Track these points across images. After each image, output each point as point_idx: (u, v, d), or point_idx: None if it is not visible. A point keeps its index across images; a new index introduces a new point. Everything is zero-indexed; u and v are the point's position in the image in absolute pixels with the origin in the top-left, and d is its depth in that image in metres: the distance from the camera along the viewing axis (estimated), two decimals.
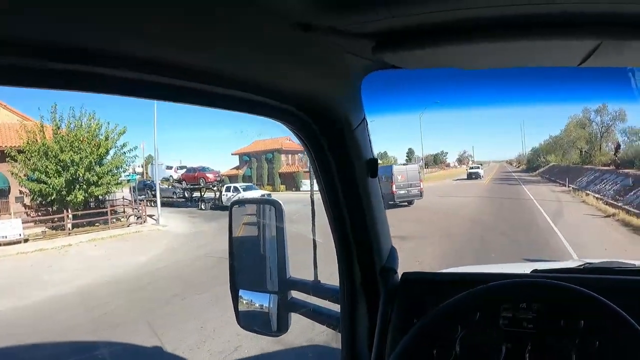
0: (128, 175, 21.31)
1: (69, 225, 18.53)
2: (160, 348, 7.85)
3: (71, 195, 17.97)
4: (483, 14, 1.04)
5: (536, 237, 12.58)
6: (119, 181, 20.07)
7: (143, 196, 27.20)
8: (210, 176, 26.79)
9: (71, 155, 17.51)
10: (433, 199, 22.76)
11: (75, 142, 17.72)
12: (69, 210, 18.46)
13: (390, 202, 19.72)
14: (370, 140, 1.62)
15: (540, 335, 1.39)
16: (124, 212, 22.08)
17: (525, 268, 1.90)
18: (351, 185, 1.57)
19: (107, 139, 18.81)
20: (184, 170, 28.21)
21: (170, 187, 27.93)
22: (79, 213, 19.04)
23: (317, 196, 1.69)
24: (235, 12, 0.93)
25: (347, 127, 1.48)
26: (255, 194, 22.78)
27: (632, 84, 1.71)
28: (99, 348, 7.77)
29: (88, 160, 17.83)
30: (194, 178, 26.94)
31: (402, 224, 14.89)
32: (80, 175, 17.78)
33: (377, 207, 1.68)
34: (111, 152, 19.22)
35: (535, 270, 1.78)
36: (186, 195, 27.18)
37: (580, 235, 12.63)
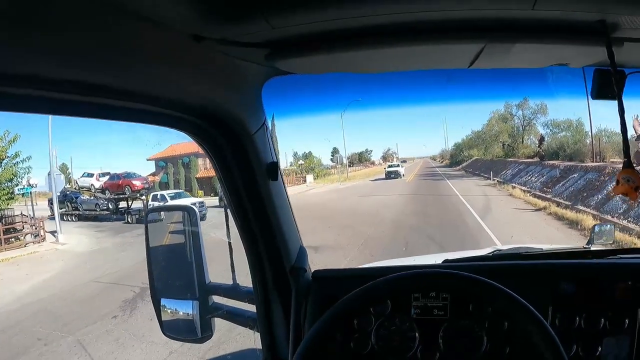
0: (22, 189, 19.76)
1: None
2: None
3: None
4: (367, 22, 1.14)
5: (465, 238, 12.26)
6: (11, 195, 18.79)
7: (63, 209, 24.84)
8: (137, 183, 24.57)
9: None
10: (353, 200, 22.54)
11: None
12: None
13: None
14: (271, 144, 1.70)
15: (451, 321, 1.57)
16: (22, 229, 20.29)
17: (438, 259, 2.08)
18: (253, 189, 1.65)
19: None
20: (107, 177, 25.68)
21: (92, 198, 25.60)
22: None
23: None
24: (130, 25, 0.99)
25: (246, 132, 1.56)
26: (186, 201, 20.01)
27: (549, 81, 1.94)
28: None
29: None
30: (118, 186, 24.60)
31: (316, 230, 13.59)
32: None
33: (282, 209, 1.77)
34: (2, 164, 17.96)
35: (446, 260, 1.95)
36: (110, 206, 24.69)
37: (513, 233, 12.35)
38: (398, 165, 33.95)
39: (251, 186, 1.65)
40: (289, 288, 1.77)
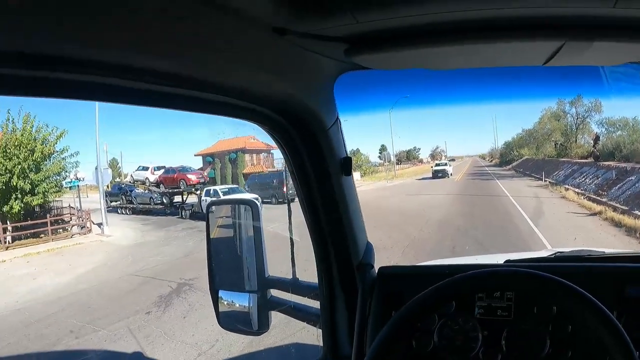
0: (69, 182, 20.59)
1: (9, 239, 17.99)
2: None
3: (6, 206, 17.47)
4: (449, 18, 1.16)
5: (516, 242, 11.75)
6: (59, 188, 19.59)
7: (117, 202, 25.79)
8: (193, 177, 24.43)
9: (2, 162, 17.15)
10: (400, 199, 22.42)
11: (8, 148, 17.31)
12: (8, 222, 17.93)
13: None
14: (343, 139, 1.73)
15: (515, 323, 1.56)
16: (69, 221, 21.24)
17: (499, 259, 2.05)
18: (326, 184, 1.68)
19: (43, 143, 18.34)
20: (162, 171, 25.68)
21: (146, 191, 25.72)
22: (19, 225, 18.53)
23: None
24: (212, 17, 1.01)
25: (321, 127, 1.58)
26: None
27: (603, 80, 1.84)
28: None
29: (20, 166, 17.47)
30: (173, 180, 24.49)
31: None
32: (14, 183, 17.33)
33: (352, 204, 1.79)
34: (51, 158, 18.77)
35: (508, 261, 1.94)
36: (164, 201, 24.69)
37: (567, 239, 11.95)
38: (446, 164, 33.42)
39: (324, 180, 1.67)
40: (354, 284, 1.78)
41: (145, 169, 26.47)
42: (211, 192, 23.04)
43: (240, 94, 1.30)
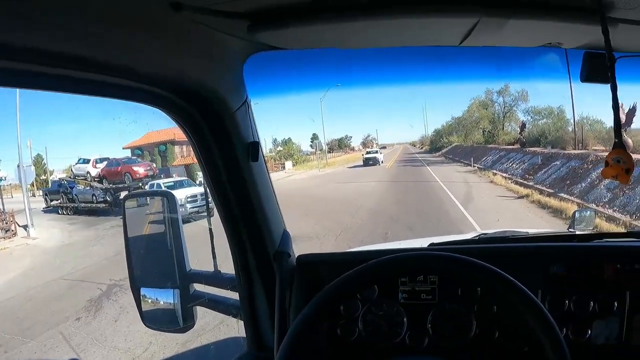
0: None
1: None
2: None
3: None
4: None
5: (447, 227, 11.76)
6: None
7: (57, 201, 23.57)
8: (140, 170, 21.21)
9: None
10: (332, 187, 22.32)
11: None
12: None
13: None
14: (253, 123, 1.67)
15: (439, 305, 1.58)
16: None
17: (424, 242, 2.08)
18: (234, 170, 1.63)
19: None
20: (104, 163, 22.41)
21: (88, 187, 22.35)
22: None
23: None
24: None
25: (227, 110, 1.53)
26: (188, 192, 16.76)
27: (533, 64, 1.88)
28: None
29: None
30: (117, 174, 21.22)
31: (292, 218, 12.67)
32: None
33: (265, 191, 1.74)
34: None
35: (432, 244, 1.96)
36: (108, 198, 21.08)
37: (496, 221, 12.08)
38: (377, 152, 33.65)
39: (232, 167, 1.63)
40: (272, 274, 1.75)
41: (87, 161, 23.38)
42: (154, 185, 19.85)
43: (138, 75, 1.24)
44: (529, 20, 1.25)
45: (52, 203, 23.94)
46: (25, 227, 19.17)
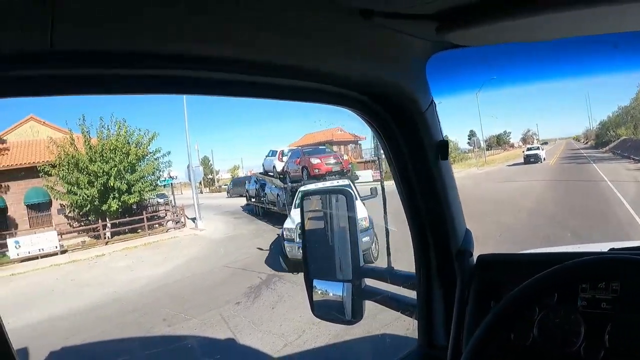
0: (163, 181, 21.56)
1: (108, 234, 19.54)
2: None
3: (105, 205, 18.76)
4: None
5: (617, 234, 10.83)
6: (154, 187, 20.76)
7: (252, 200, 22.99)
8: (317, 162, 16.72)
9: (100, 165, 18.38)
10: (490, 186, 21.78)
11: (104, 152, 18.61)
12: (107, 219, 19.30)
13: None
14: (439, 123, 1.68)
15: (619, 316, 1.44)
16: (165, 217, 22.43)
17: (603, 247, 1.87)
18: (424, 169, 1.64)
19: (137, 145, 19.56)
20: (288, 156, 19.24)
21: (274, 186, 19.12)
22: (117, 221, 19.93)
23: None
24: (297, 2, 1.02)
25: (416, 110, 1.55)
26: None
27: None
28: None
29: (116, 168, 18.67)
30: (296, 169, 17.62)
31: None
32: (112, 184, 18.59)
33: (450, 190, 1.75)
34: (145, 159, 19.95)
35: (612, 249, 1.76)
36: (286, 199, 16.49)
37: None
38: (538, 148, 32.07)
39: (422, 165, 1.64)
40: (452, 273, 1.73)
41: (274, 153, 20.52)
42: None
43: (331, 80, 1.29)
44: None
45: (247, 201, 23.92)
46: (193, 219, 21.06)
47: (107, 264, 16.32)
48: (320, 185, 14.07)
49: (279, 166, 19.56)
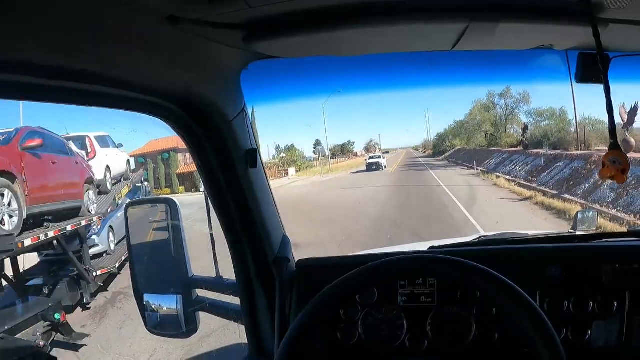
0: None
1: None
2: None
3: None
4: (349, 0, 1.15)
5: (451, 231, 11.51)
6: None
7: None
8: None
9: None
10: (335, 193, 22.35)
11: None
12: None
13: None
14: (251, 131, 1.69)
15: (438, 308, 1.58)
16: None
17: (424, 246, 2.09)
18: (233, 177, 1.63)
19: None
20: None
21: None
22: None
23: None
24: (104, 10, 0.97)
25: (223, 119, 1.53)
26: None
27: (532, 66, 1.91)
28: None
29: None
30: None
31: (296, 225, 12.42)
32: None
33: (264, 197, 1.76)
34: None
35: (432, 247, 1.95)
36: None
37: (499, 224, 11.83)
38: (380, 157, 33.13)
39: (230, 174, 1.64)
40: (273, 279, 1.76)
41: None
42: None
43: (137, 87, 1.24)
44: (518, 23, 1.26)
45: None
46: None
47: None
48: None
49: None
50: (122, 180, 13.23)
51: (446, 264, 1.38)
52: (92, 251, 10.02)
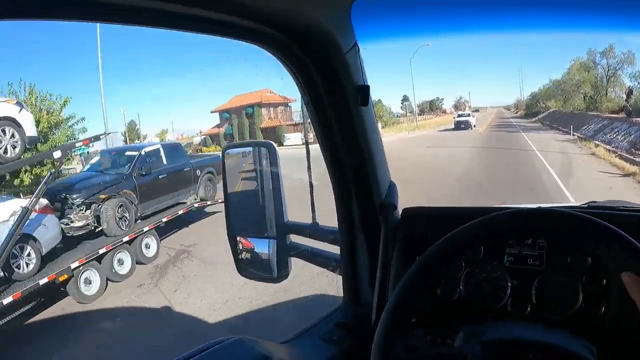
0: (78, 150, 20.30)
1: None
2: None
3: (17, 180, 17.73)
4: None
5: (543, 201, 10.17)
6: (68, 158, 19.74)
7: None
8: None
9: None
10: (419, 151, 22.05)
11: None
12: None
13: None
14: (362, 67, 1.62)
15: (546, 273, 1.49)
16: None
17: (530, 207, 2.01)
18: (344, 114, 1.60)
19: (48, 112, 18.38)
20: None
21: None
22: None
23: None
24: None
25: (337, 51, 1.50)
26: None
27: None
28: None
29: None
30: None
31: None
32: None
33: (373, 138, 1.70)
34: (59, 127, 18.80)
35: (540, 207, 1.87)
36: None
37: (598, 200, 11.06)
38: (469, 115, 32.69)
39: (341, 111, 1.60)
40: (376, 227, 1.72)
41: None
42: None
43: (246, 12, 1.23)
44: None
45: None
46: None
47: None
48: None
49: None
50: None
51: (573, 218, 1.21)
52: None
